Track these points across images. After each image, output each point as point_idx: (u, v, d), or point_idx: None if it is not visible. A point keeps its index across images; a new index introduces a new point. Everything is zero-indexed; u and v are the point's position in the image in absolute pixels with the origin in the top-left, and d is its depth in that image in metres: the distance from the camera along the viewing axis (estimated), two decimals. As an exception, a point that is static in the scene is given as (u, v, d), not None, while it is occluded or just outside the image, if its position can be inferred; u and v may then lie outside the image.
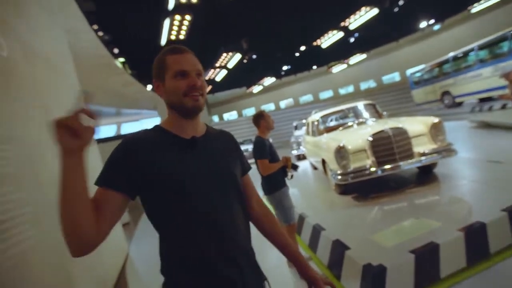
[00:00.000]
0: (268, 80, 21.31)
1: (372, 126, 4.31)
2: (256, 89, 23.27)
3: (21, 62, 1.88)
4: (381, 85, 22.09)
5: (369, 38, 17.52)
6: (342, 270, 2.46)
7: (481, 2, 14.36)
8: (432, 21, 17.19)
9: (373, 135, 3.79)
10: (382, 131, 3.79)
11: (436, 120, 3.89)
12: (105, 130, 20.49)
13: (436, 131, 3.84)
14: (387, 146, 3.74)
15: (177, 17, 10.25)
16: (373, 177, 3.72)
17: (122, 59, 13.77)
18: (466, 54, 9.52)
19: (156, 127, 0.94)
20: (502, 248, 2.33)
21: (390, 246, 2.42)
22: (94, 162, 3.29)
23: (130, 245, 4.67)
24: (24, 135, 1.63)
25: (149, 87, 16.94)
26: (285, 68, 21.94)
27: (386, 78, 22.19)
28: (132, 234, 5.81)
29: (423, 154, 3.69)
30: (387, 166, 3.70)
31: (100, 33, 10.48)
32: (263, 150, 2.50)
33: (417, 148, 3.77)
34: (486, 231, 2.34)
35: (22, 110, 1.71)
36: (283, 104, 25.86)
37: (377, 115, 5.27)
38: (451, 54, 10.20)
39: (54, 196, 1.89)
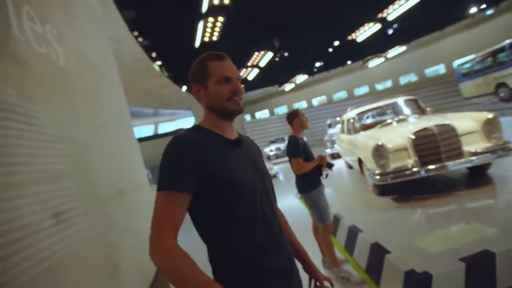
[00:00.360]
0: (300, 78, 20.99)
1: (414, 123, 4.04)
2: (288, 87, 23.06)
3: (74, 70, 2.06)
4: (423, 79, 20.58)
5: (410, 29, 16.35)
6: (381, 275, 2.34)
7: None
8: (483, 6, 15.55)
9: (416, 132, 3.54)
10: (426, 129, 3.53)
11: (490, 115, 3.52)
12: (144, 130, 21.84)
13: (490, 127, 3.47)
14: (432, 145, 3.47)
15: (210, 19, 10.53)
16: (416, 178, 3.48)
17: (159, 62, 14.50)
18: (526, 40, 8.48)
19: (199, 127, 0.98)
20: None
21: (436, 252, 2.24)
22: (136, 160, 3.50)
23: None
24: (76, 136, 1.78)
25: (184, 88, 17.66)
26: (317, 64, 21.42)
27: (430, 71, 20.60)
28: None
29: (474, 154, 3.36)
30: (432, 166, 3.44)
31: (140, 39, 11.12)
32: (297, 149, 2.47)
33: (467, 147, 3.44)
34: (554, 240, 2.07)
35: (75, 113, 1.88)
36: (315, 101, 25.32)
37: (420, 111, 4.92)
38: (508, 41, 9.15)
39: (101, 192, 2.04)
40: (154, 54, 13.50)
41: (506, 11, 15.85)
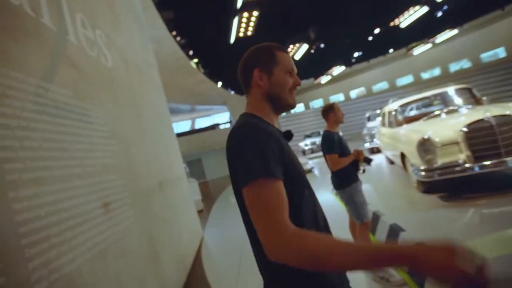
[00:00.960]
0: (338, 69, 20.19)
1: (467, 114, 3.67)
2: (324, 79, 22.36)
3: (120, 71, 2.23)
4: (478, 65, 18.49)
5: (462, 10, 14.74)
6: (426, 278, 2.19)
7: None
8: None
9: (469, 125, 3.22)
10: (481, 120, 3.19)
11: (561, 104, 3.06)
12: (182, 125, 22.86)
13: (561, 118, 3.02)
14: (488, 138, 3.13)
15: (245, 14, 10.57)
16: (468, 175, 3.17)
17: (196, 60, 15.00)
18: None
19: (255, 116, 0.92)
20: None
21: (492, 256, 2.03)
22: (174, 154, 3.69)
23: (204, 230, 5.11)
24: (123, 132, 1.92)
25: (219, 84, 18.07)
26: (356, 54, 20.43)
27: (486, 56, 18.44)
28: (206, 220, 6.36)
29: (541, 148, 2.96)
30: (488, 162, 3.10)
31: (178, 38, 11.59)
32: (331, 144, 2.40)
33: (532, 141, 3.04)
34: None
35: (121, 111, 2.03)
36: (353, 94, 24.24)
37: (474, 100, 4.45)
38: None
39: (144, 184, 2.18)
40: (191, 52, 14.01)
41: None
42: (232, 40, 12.07)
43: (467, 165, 3.16)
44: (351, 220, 2.67)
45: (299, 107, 25.61)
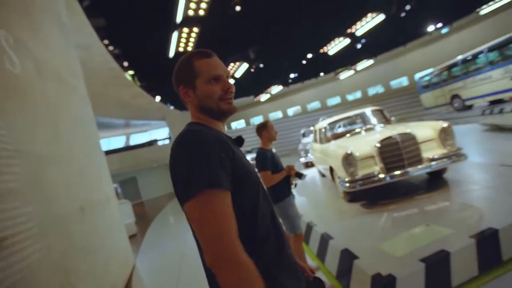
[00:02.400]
0: (276, 88, 21.42)
1: (380, 132, 4.26)
2: (263, 97, 23.40)
3: (33, 79, 1.97)
4: (389, 90, 21.91)
5: (376, 44, 17.49)
6: (350, 280, 2.41)
7: (490, 4, 14.18)
8: (440, 25, 17.04)
9: (381, 141, 3.75)
10: (390, 137, 3.74)
11: (445, 124, 3.83)
12: (115, 141, 20.96)
13: (445, 135, 3.77)
14: (395, 152, 3.69)
15: (185, 29, 10.51)
16: (382, 184, 3.66)
17: (131, 72, 14.15)
18: (475, 56, 9.36)
19: (203, 125, 0.88)
20: (516, 255, 2.25)
21: (400, 255, 2.36)
22: (101, 173, 3.35)
23: (137, 256, 4.69)
24: (33, 150, 1.68)
25: (158, 98, 17.29)
26: (292, 76, 22.06)
27: (394, 83, 22.00)
28: (139, 245, 5.85)
29: (432, 160, 3.62)
30: (396, 173, 3.64)
31: (111, 47, 10.82)
32: (265, 162, 2.49)
33: (426, 154, 3.70)
34: (499, 237, 2.26)
35: (33, 125, 1.78)
36: (290, 111, 25.89)
37: (385, 120, 5.22)
38: (460, 57, 10.05)
39: (58, 210, 1.92)
40: (125, 63, 13.18)
41: (458, 30, 17.49)
42: (172, 54, 11.81)
43: (381, 175, 3.65)
44: (286, 232, 2.79)
45: (240, 123, 26.12)
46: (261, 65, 17.23)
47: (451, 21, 17.04)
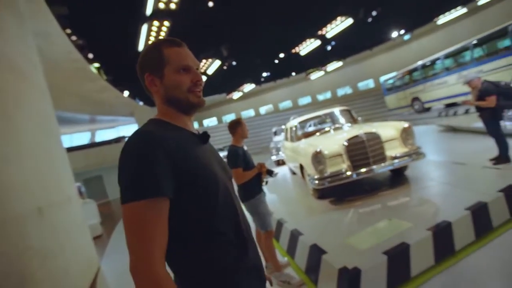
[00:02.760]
0: (248, 87, 21.46)
1: (348, 131, 4.44)
2: (236, 95, 23.33)
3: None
4: (357, 92, 22.93)
5: (345, 46, 18.25)
6: (319, 274, 2.50)
7: (446, 14, 15.38)
8: (402, 31, 18.18)
9: (348, 140, 3.91)
10: (356, 136, 3.91)
11: (406, 125, 4.09)
12: (79, 138, 19.67)
13: (406, 135, 4.03)
14: (361, 151, 3.87)
15: (155, 23, 10.12)
16: (349, 181, 3.82)
17: (97, 64, 13.34)
18: (433, 62, 10.13)
19: (159, 121, 0.84)
20: (466, 244, 2.48)
21: (365, 248, 2.49)
22: (62, 171, 3.14)
23: (102, 259, 4.46)
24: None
25: (126, 93, 16.51)
26: (265, 74, 22.25)
27: (362, 85, 23.07)
28: (104, 247, 5.56)
29: (395, 158, 3.86)
30: (362, 170, 3.82)
31: (74, 38, 10.11)
32: (236, 159, 2.49)
33: (389, 152, 3.93)
34: (452, 229, 2.48)
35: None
36: (263, 110, 26.09)
37: (353, 120, 5.45)
38: (420, 62, 10.81)
39: (11, 211, 1.76)
40: (91, 55, 12.39)
41: (419, 37, 18.79)
42: (141, 47, 11.32)
43: (348, 173, 3.82)
44: (257, 229, 2.81)
45: (212, 121, 25.82)
46: (234, 63, 17.17)
47: (412, 28, 18.26)
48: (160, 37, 10.32)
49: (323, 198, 4.28)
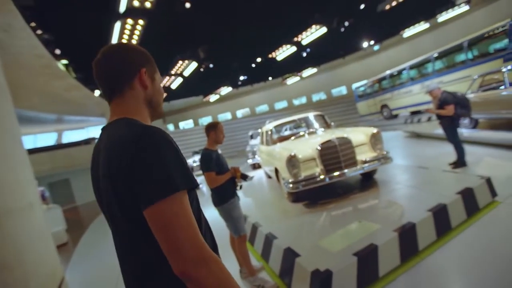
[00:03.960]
0: (225, 90, 21.37)
1: (321, 135, 4.56)
2: (213, 98, 23.13)
3: None
4: (330, 98, 23.73)
5: (320, 54, 18.83)
6: (292, 277, 2.53)
7: (411, 28, 16.46)
8: (372, 42, 19.17)
9: (321, 144, 4.02)
10: (329, 141, 4.04)
11: (375, 130, 4.30)
12: (44, 138, 18.38)
13: (375, 140, 4.23)
14: (333, 155, 4.00)
15: (129, 21, 9.78)
16: (322, 184, 3.93)
17: (65, 61, 12.58)
18: (400, 72, 10.78)
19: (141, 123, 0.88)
20: (428, 244, 2.64)
21: (336, 250, 2.56)
22: (22, 175, 2.92)
23: (67, 268, 4.19)
24: None
25: (97, 92, 15.72)
26: (242, 78, 22.27)
27: (335, 91, 23.92)
28: (70, 256, 5.23)
29: (365, 162, 4.03)
30: (334, 174, 3.94)
31: (39, 32, 9.47)
32: (209, 162, 2.47)
33: (360, 156, 4.10)
34: (416, 230, 2.63)
35: None
36: (239, 113, 26.10)
37: (326, 125, 5.63)
38: (388, 72, 11.45)
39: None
40: (58, 51, 11.65)
41: (387, 48, 19.93)
42: (113, 45, 10.86)
43: (321, 176, 3.92)
44: (231, 234, 2.79)
45: (188, 123, 25.36)
46: (211, 65, 17.03)
47: (381, 40, 19.32)
48: (135, 35, 9.96)
49: (297, 201, 4.35)
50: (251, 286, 2.62)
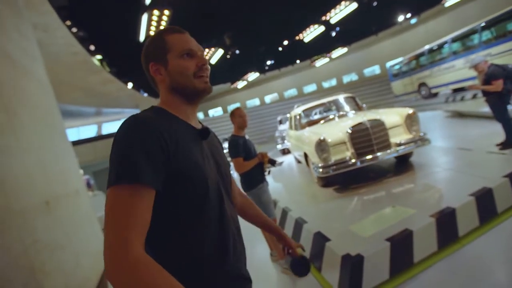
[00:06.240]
0: (252, 75, 21.23)
1: (352, 118, 4.39)
2: (240, 84, 23.14)
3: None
4: (362, 78, 22.50)
5: (350, 32, 17.75)
6: (322, 261, 2.53)
7: (454, -5, 14.82)
8: (409, 15, 17.60)
9: (352, 127, 3.87)
10: (360, 123, 3.87)
11: (410, 111, 4.02)
12: (86, 131, 19.90)
13: (410, 121, 3.97)
14: (365, 138, 3.83)
15: (155, 12, 9.98)
16: (354, 169, 3.81)
17: (99, 56, 13.29)
18: (440, 46, 9.84)
19: (159, 109, 0.82)
20: (469, 230, 2.47)
21: (368, 235, 2.50)
22: (69, 165, 3.19)
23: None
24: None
25: (130, 85, 16.49)
26: (269, 63, 21.90)
27: (367, 71, 22.61)
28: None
29: (399, 144, 3.81)
30: (366, 157, 3.79)
31: (74, 29, 10.05)
32: (236, 148, 2.50)
33: (394, 139, 3.88)
34: (455, 215, 2.47)
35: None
36: (268, 99, 25.89)
37: (357, 107, 5.39)
38: (427, 46, 10.51)
39: (16, 205, 1.80)
40: (92, 47, 12.32)
41: (425, 20, 18.20)
42: (142, 38, 11.21)
43: (352, 160, 3.80)
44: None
45: (217, 111, 25.76)
46: (237, 52, 16.93)
47: (419, 12, 17.65)
48: (161, 27, 10.23)
49: (327, 186, 4.28)
50: (282, 269, 2.67)
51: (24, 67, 2.65)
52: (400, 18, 17.73)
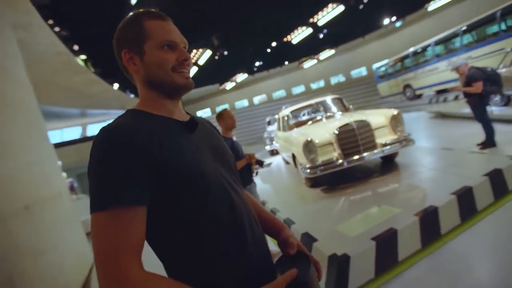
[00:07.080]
0: (241, 77, 21.24)
1: (339, 119, 4.45)
2: (229, 85, 23.08)
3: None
4: (350, 80, 22.86)
5: (337, 34, 18.08)
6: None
7: (436, 0, 15.28)
8: (394, 18, 18.07)
9: (339, 128, 3.93)
10: (347, 124, 3.93)
11: (395, 112, 4.12)
12: (70, 132, 19.36)
13: (395, 122, 4.06)
14: (352, 139, 3.89)
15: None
16: (341, 169, 3.86)
17: (84, 57, 12.96)
18: (424, 49, 10.13)
19: (135, 112, 0.73)
20: (451, 228, 2.54)
21: (354, 235, 2.53)
22: (50, 167, 3.09)
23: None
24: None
25: (116, 85, 16.18)
26: (257, 64, 21.97)
27: (354, 73, 22.99)
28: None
29: (385, 145, 3.90)
30: (353, 158, 3.85)
31: (57, 29, 9.77)
32: None
33: (379, 139, 3.96)
34: (438, 214, 2.54)
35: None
36: (256, 100, 25.92)
37: (344, 108, 5.47)
38: (411, 49, 10.80)
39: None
40: (76, 47, 12.02)
41: (410, 24, 18.70)
42: (128, 38, 11.03)
43: (339, 161, 3.85)
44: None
45: (206, 112, 25.59)
46: (225, 53, 16.89)
47: (403, 15, 18.14)
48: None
49: (315, 186, 4.32)
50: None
51: (4, 67, 2.55)
52: (386, 21, 18.20)
